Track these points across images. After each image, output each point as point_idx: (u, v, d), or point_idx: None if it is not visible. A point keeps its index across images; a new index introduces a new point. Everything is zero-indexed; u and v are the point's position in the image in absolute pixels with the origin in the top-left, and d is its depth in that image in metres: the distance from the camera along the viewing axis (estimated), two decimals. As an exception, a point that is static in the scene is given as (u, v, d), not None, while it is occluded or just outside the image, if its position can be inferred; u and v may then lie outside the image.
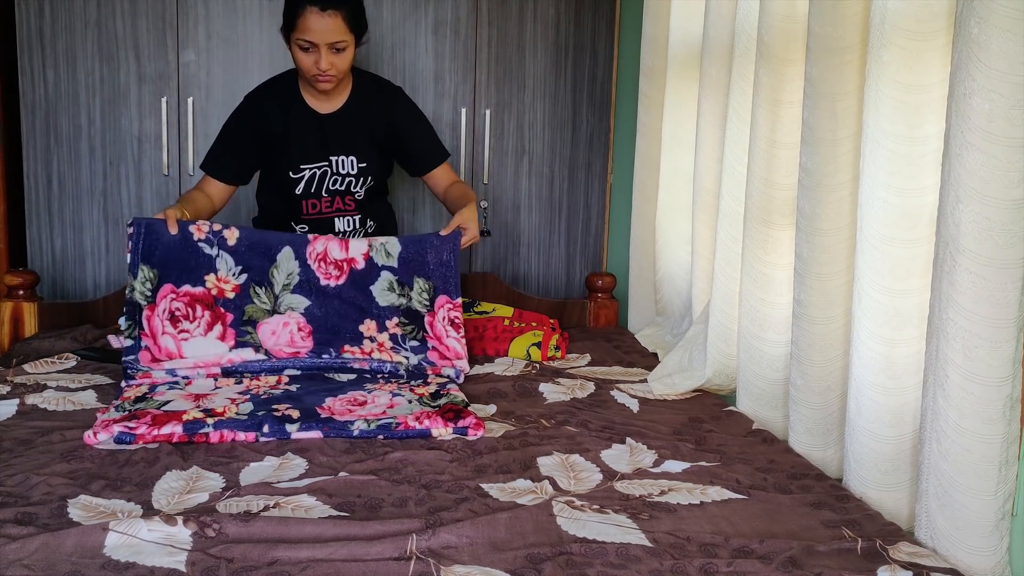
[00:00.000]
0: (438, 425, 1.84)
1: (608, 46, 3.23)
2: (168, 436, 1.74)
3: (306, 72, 2.36)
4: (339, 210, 2.57)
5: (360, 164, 2.53)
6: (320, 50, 2.31)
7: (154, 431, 1.74)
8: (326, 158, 2.51)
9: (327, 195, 2.55)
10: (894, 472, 1.57)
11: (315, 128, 2.49)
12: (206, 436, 1.76)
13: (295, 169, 2.50)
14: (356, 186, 2.55)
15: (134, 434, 1.73)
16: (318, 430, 1.81)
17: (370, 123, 2.52)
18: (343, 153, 2.51)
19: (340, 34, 2.30)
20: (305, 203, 2.55)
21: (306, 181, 2.52)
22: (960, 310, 1.33)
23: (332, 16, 2.28)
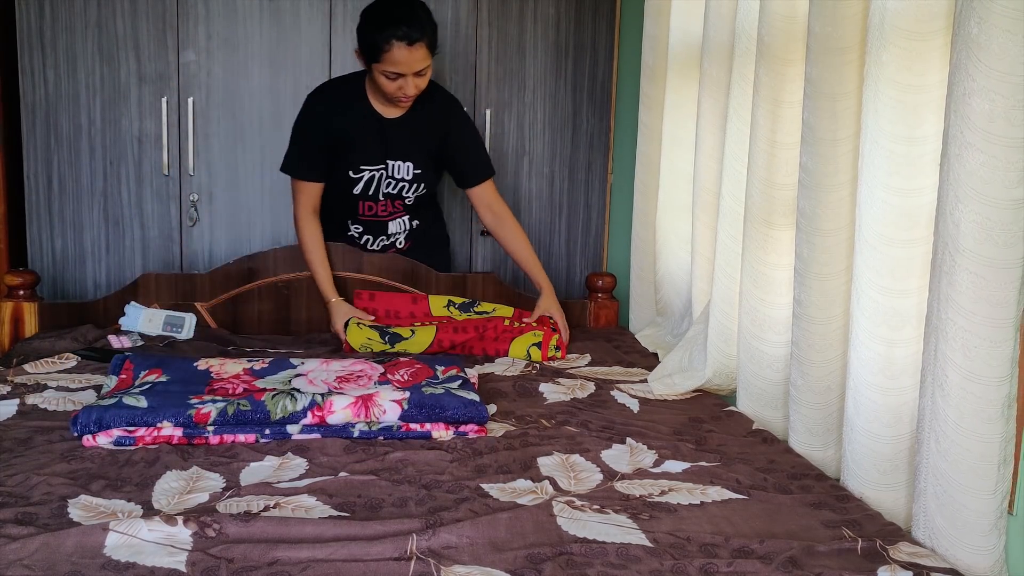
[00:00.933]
0: (439, 428, 1.84)
1: (608, 46, 3.23)
2: (168, 438, 1.74)
3: (390, 95, 2.48)
4: (392, 212, 2.69)
5: (416, 170, 2.63)
6: (407, 78, 2.42)
7: (153, 433, 1.74)
8: (384, 161, 2.60)
9: (384, 199, 2.65)
10: (892, 472, 1.57)
11: (377, 131, 2.58)
12: (206, 439, 1.76)
13: (356, 169, 2.60)
14: (408, 191, 2.64)
15: (133, 436, 1.73)
16: (318, 432, 1.80)
17: (428, 131, 2.61)
18: (401, 158, 2.60)
19: (424, 61, 2.43)
20: (362, 204, 2.66)
21: (365, 182, 2.61)
22: (959, 310, 1.33)
23: (418, 48, 2.39)
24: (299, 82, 3.05)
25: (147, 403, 1.80)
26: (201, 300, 2.68)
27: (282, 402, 1.82)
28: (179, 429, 1.75)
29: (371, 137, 2.58)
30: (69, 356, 2.29)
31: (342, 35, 3.06)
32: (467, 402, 1.87)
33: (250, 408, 1.79)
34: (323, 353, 2.43)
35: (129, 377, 1.99)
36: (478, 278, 2.86)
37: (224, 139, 3.04)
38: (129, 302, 2.61)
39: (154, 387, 1.91)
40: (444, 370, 2.10)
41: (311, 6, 3.04)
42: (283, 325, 2.73)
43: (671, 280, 2.66)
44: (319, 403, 1.82)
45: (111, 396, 1.84)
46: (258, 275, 2.70)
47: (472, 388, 1.98)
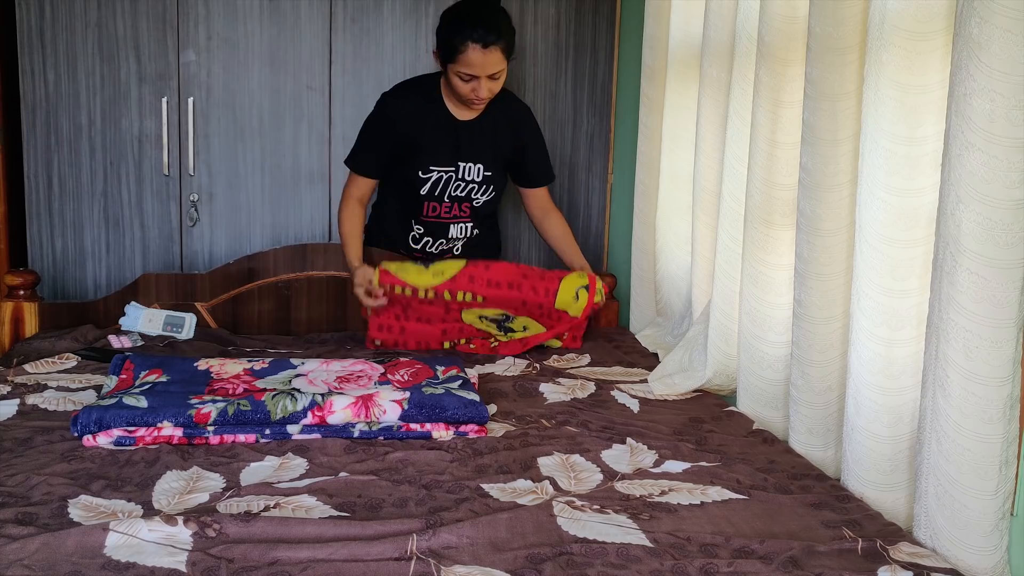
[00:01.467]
0: (439, 428, 1.84)
1: (608, 46, 3.23)
2: (168, 438, 1.74)
3: (463, 96, 2.50)
4: (455, 216, 2.70)
5: (486, 172, 2.65)
6: (480, 80, 2.45)
7: (154, 433, 1.74)
8: (455, 163, 2.62)
9: (449, 201, 2.66)
10: (892, 472, 1.57)
11: (450, 132, 2.60)
12: (206, 439, 1.76)
13: (424, 169, 2.61)
14: (477, 193, 2.66)
15: (134, 437, 1.73)
16: (319, 432, 1.80)
17: (500, 135, 2.64)
18: (472, 160, 2.62)
19: (499, 64, 2.46)
20: (427, 204, 2.67)
21: (432, 182, 2.62)
22: (961, 310, 1.33)
23: (493, 51, 2.42)
24: (299, 82, 3.05)
25: (147, 403, 1.80)
26: (201, 300, 2.68)
27: (282, 402, 1.81)
28: (179, 429, 1.75)
29: (443, 139, 2.60)
30: (69, 356, 2.29)
31: (342, 35, 3.06)
32: (467, 402, 1.87)
33: (250, 408, 1.79)
34: (324, 352, 2.43)
35: (129, 377, 1.99)
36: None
37: (224, 139, 3.04)
38: (129, 302, 2.61)
39: (154, 387, 1.91)
40: (444, 370, 2.10)
41: (311, 6, 3.04)
42: (283, 325, 2.73)
43: (671, 280, 2.66)
44: (319, 403, 1.82)
45: (111, 396, 1.84)
46: (258, 275, 2.70)
47: (472, 388, 1.98)
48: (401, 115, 2.59)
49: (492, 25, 2.42)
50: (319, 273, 2.73)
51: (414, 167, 2.62)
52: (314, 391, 1.92)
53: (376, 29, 3.09)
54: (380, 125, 2.62)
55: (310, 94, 3.06)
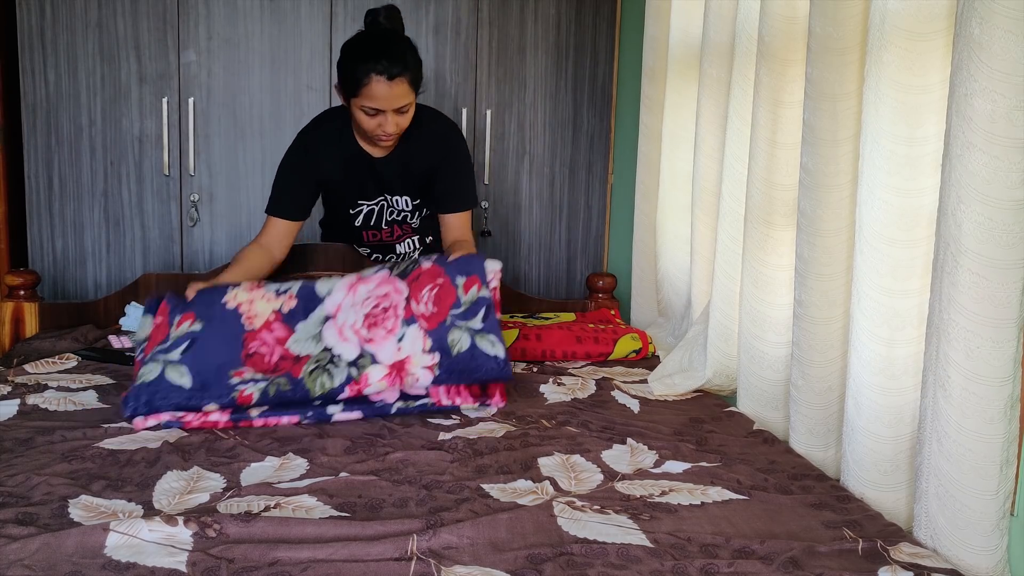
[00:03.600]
0: (467, 400, 1.97)
1: (609, 46, 3.23)
2: (214, 423, 1.82)
3: (368, 132, 2.31)
4: (399, 236, 2.63)
5: (414, 201, 2.55)
6: (387, 115, 2.26)
7: (201, 418, 1.82)
8: (381, 195, 2.52)
9: (387, 226, 2.59)
10: (893, 472, 1.57)
11: (367, 170, 2.46)
12: (251, 422, 1.83)
13: (353, 205, 2.55)
14: (411, 218, 2.59)
15: (181, 421, 1.82)
16: (359, 411, 1.89)
17: (419, 165, 2.46)
18: (398, 193, 2.52)
19: (406, 97, 2.25)
20: (366, 233, 2.62)
21: (364, 215, 2.56)
22: (961, 310, 1.33)
23: (399, 84, 2.22)
24: (300, 82, 3.05)
25: (191, 380, 1.85)
26: (201, 300, 2.68)
27: (320, 379, 1.87)
28: (226, 413, 1.84)
29: (362, 177, 2.47)
30: (70, 356, 2.29)
31: (343, 35, 3.06)
32: (494, 362, 1.94)
33: (290, 388, 1.85)
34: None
35: (164, 323, 1.97)
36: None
37: (224, 139, 3.04)
38: (129, 302, 2.61)
39: (192, 346, 1.91)
40: (465, 288, 2.03)
41: (312, 6, 3.04)
42: (283, 325, 2.72)
43: (671, 280, 2.66)
44: (355, 377, 1.88)
45: (151, 357, 1.89)
46: (258, 275, 2.69)
47: (495, 317, 2.01)
48: (316, 158, 2.44)
49: (396, 56, 2.21)
50: (319, 273, 2.73)
51: (343, 204, 2.54)
52: (346, 348, 1.92)
53: (376, 29, 3.09)
54: (296, 170, 2.45)
55: (310, 94, 3.07)
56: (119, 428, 1.81)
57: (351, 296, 2.03)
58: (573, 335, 2.48)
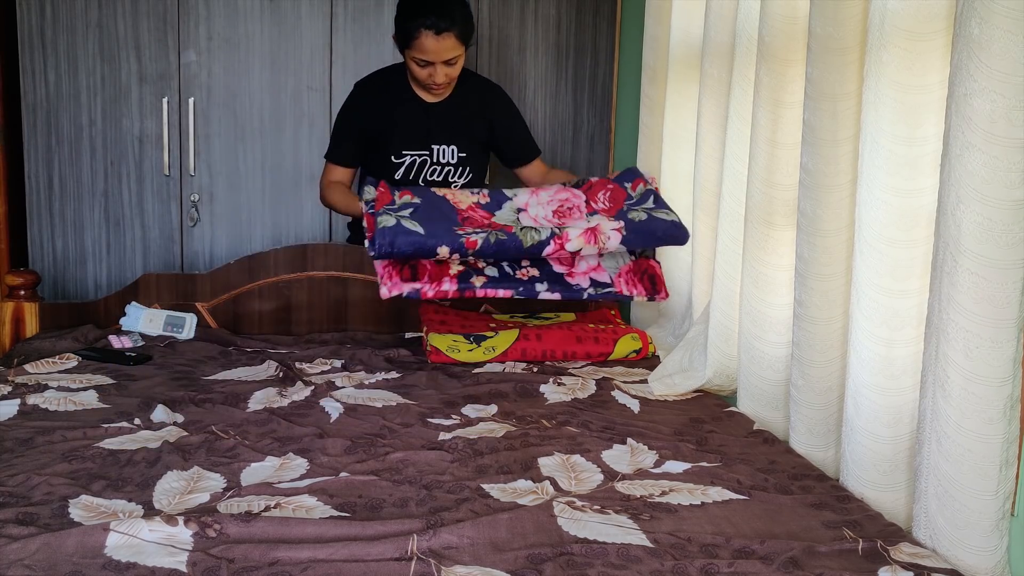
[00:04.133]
0: (642, 293, 2.34)
1: (609, 47, 3.23)
2: (445, 293, 2.19)
3: (421, 81, 2.54)
4: None
5: (460, 154, 2.68)
6: (436, 66, 2.49)
7: (436, 287, 2.19)
8: (428, 147, 2.66)
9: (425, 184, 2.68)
10: (893, 472, 1.57)
11: (421, 116, 2.64)
12: (474, 292, 2.20)
13: (397, 154, 2.65)
14: (453, 176, 2.68)
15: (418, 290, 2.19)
16: (558, 292, 2.27)
17: (472, 116, 2.67)
18: (445, 142, 2.66)
19: (454, 51, 2.49)
20: None
21: (406, 167, 2.66)
22: (961, 310, 1.33)
23: (447, 38, 2.46)
24: (300, 82, 3.05)
25: (423, 229, 2.16)
26: (202, 300, 2.68)
27: (529, 232, 2.22)
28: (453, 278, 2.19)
29: (414, 122, 2.64)
30: (70, 356, 2.29)
31: (343, 35, 3.06)
32: (670, 223, 2.31)
33: (506, 238, 2.19)
34: (324, 353, 2.42)
35: (387, 191, 2.30)
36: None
37: (225, 139, 3.04)
38: (130, 302, 2.61)
39: (416, 213, 2.23)
40: (632, 186, 2.41)
41: (312, 6, 3.04)
42: (283, 325, 2.73)
43: (672, 280, 2.66)
44: (558, 233, 2.22)
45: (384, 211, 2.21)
46: (258, 275, 2.70)
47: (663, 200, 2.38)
48: (372, 102, 2.65)
49: (445, 12, 2.45)
50: (319, 273, 2.73)
51: (387, 152, 2.66)
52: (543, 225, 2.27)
53: (376, 29, 3.09)
54: (352, 113, 2.68)
55: (310, 94, 3.07)
56: (119, 428, 1.81)
57: (535, 197, 2.39)
58: (573, 335, 2.48)
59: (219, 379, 2.19)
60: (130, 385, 2.11)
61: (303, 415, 1.93)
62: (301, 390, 2.10)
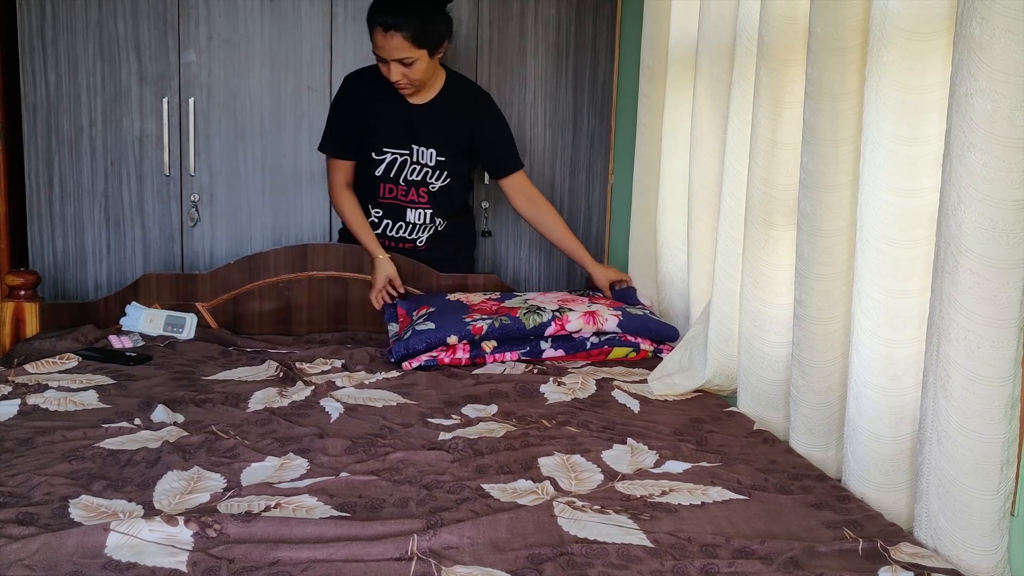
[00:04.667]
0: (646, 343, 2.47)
1: (609, 47, 3.23)
2: (458, 361, 2.34)
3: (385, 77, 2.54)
4: (412, 201, 2.73)
5: (439, 157, 2.68)
6: (389, 64, 2.48)
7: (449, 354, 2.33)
8: (409, 146, 2.66)
9: (404, 184, 2.70)
10: (893, 472, 1.57)
11: (403, 116, 2.65)
12: (484, 358, 2.36)
13: (378, 151, 2.67)
14: (431, 178, 2.69)
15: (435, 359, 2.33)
16: (562, 349, 2.41)
17: (455, 121, 2.66)
18: (425, 144, 2.66)
19: (404, 51, 2.46)
20: (383, 186, 2.71)
21: (387, 164, 2.67)
22: (962, 310, 1.33)
23: (392, 36, 2.44)
24: (300, 82, 3.05)
25: (434, 325, 2.35)
26: (202, 300, 2.68)
27: (532, 316, 2.39)
28: (466, 345, 2.33)
29: (396, 121, 2.65)
30: (70, 356, 2.29)
31: (343, 35, 3.06)
32: (664, 325, 2.53)
33: (510, 322, 2.37)
34: (324, 353, 2.43)
35: (406, 316, 2.50)
36: (479, 279, 2.87)
37: (225, 139, 3.04)
38: (130, 302, 2.61)
39: (431, 315, 2.41)
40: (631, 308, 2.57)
41: (312, 6, 3.04)
42: (283, 325, 2.73)
43: (672, 280, 2.66)
44: (559, 316, 2.40)
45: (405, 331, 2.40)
46: (258, 275, 2.70)
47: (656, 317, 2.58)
48: (359, 96, 2.66)
49: (397, 10, 2.44)
50: (319, 273, 2.73)
51: (369, 148, 2.67)
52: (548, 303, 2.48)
53: (377, 29, 3.08)
54: (342, 104, 2.69)
55: (311, 94, 3.07)
56: (119, 428, 1.81)
57: (541, 296, 2.59)
58: None
59: (219, 379, 2.19)
60: (130, 385, 2.11)
61: (303, 415, 1.93)
62: (301, 390, 2.10)
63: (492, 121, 2.76)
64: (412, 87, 2.57)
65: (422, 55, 2.49)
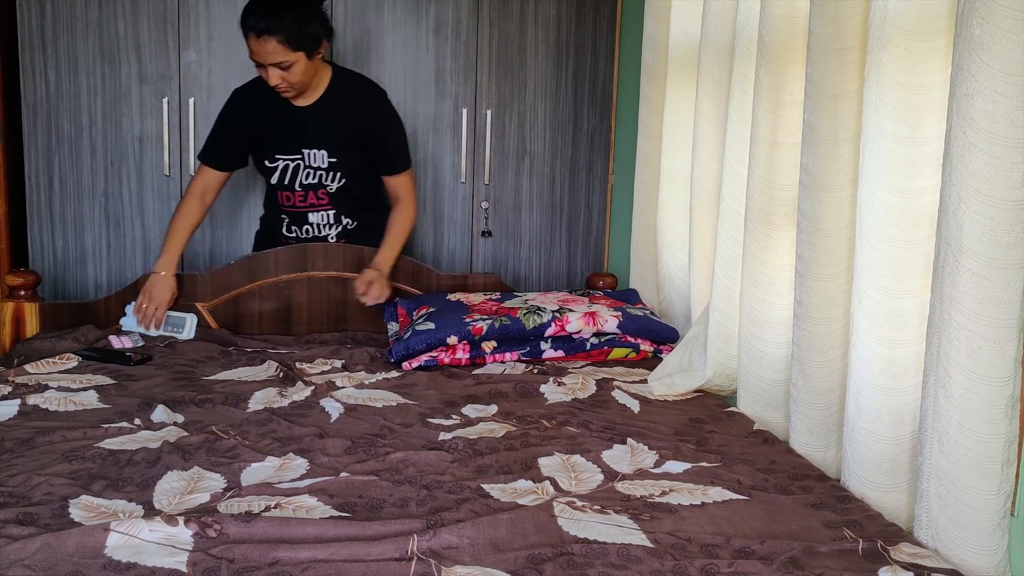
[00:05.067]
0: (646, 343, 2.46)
1: (609, 46, 3.23)
2: (458, 361, 2.33)
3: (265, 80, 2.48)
4: (312, 204, 2.68)
5: (331, 159, 2.61)
6: (267, 68, 2.42)
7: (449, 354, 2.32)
8: (300, 151, 2.61)
9: (300, 189, 2.65)
10: (893, 472, 1.57)
11: (292, 121, 2.58)
12: (484, 358, 2.35)
13: (271, 159, 2.62)
14: (327, 180, 2.63)
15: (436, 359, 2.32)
16: (562, 350, 2.40)
17: (343, 120, 2.59)
18: (316, 147, 2.60)
19: (280, 55, 2.39)
20: (280, 194, 2.68)
21: (280, 171, 2.62)
22: (962, 310, 1.33)
23: (267, 41, 2.37)
24: (300, 82, 3.05)
25: (434, 325, 2.34)
26: (202, 300, 2.68)
27: (532, 316, 2.38)
28: (466, 346, 2.33)
29: (286, 127, 2.59)
30: (70, 356, 2.29)
31: (343, 35, 3.06)
32: (664, 326, 2.50)
33: (510, 323, 2.36)
34: (324, 353, 2.43)
35: (406, 316, 2.49)
36: (479, 278, 2.87)
37: (225, 139, 3.04)
38: (130, 302, 2.61)
39: (431, 316, 2.40)
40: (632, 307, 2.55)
41: (312, 6, 3.04)
42: (283, 325, 2.73)
43: (672, 281, 2.66)
44: (559, 316, 2.39)
45: (405, 331, 2.38)
46: (258, 275, 2.70)
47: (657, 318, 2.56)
48: (246, 108, 2.61)
49: (269, 13, 2.35)
50: (319, 273, 2.73)
51: (262, 157, 2.64)
52: (548, 302, 2.47)
53: (376, 29, 3.09)
54: (228, 116, 2.64)
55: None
56: (119, 428, 1.81)
57: (541, 297, 2.58)
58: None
59: (219, 379, 2.19)
60: (130, 385, 2.11)
61: (303, 415, 1.93)
62: (301, 390, 2.10)
63: (379, 118, 2.64)
64: (293, 90, 2.49)
65: (299, 57, 2.41)
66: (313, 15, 2.43)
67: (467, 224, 3.23)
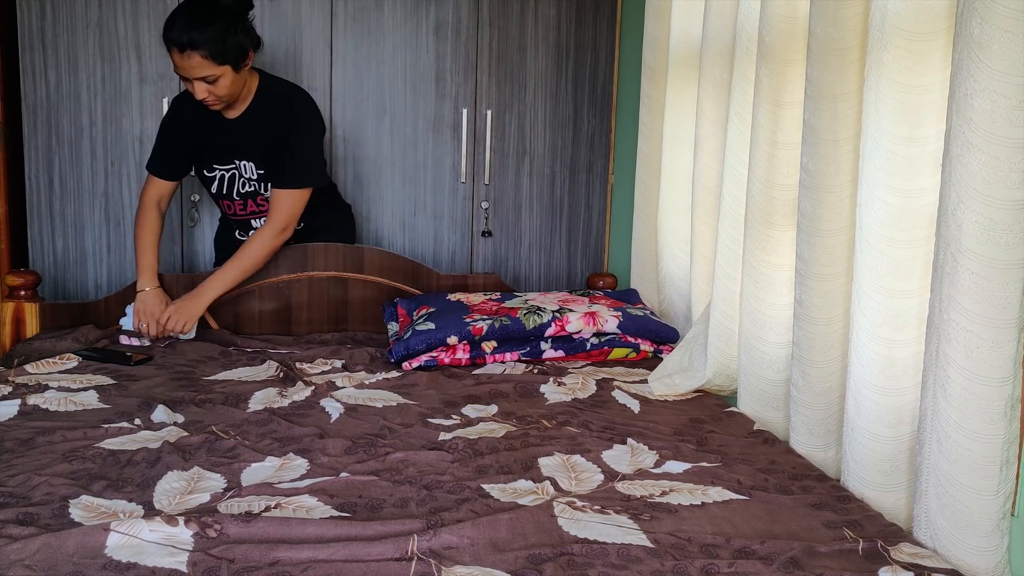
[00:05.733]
0: (646, 343, 2.46)
1: (609, 46, 3.23)
2: (458, 361, 2.34)
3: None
4: (253, 212, 2.67)
5: (259, 170, 2.59)
6: (192, 82, 2.38)
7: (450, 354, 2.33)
8: (232, 161, 2.59)
9: (239, 198, 2.64)
10: (893, 472, 1.57)
11: (222, 132, 2.56)
12: (484, 358, 2.36)
13: (209, 168, 2.62)
14: (263, 188, 2.62)
15: (435, 359, 2.32)
16: (562, 350, 2.40)
17: (268, 131, 2.54)
18: (244, 158, 2.58)
19: (204, 70, 2.35)
20: (222, 203, 2.68)
21: (218, 181, 2.62)
22: (961, 311, 1.33)
23: (190, 56, 2.33)
24: (300, 82, 3.05)
25: (434, 325, 2.35)
26: (202, 300, 2.68)
27: (532, 316, 2.39)
28: (466, 346, 2.33)
29: (218, 137, 2.56)
30: (70, 357, 2.29)
31: (343, 35, 3.06)
32: (665, 326, 2.51)
33: (511, 323, 2.37)
34: (324, 353, 2.43)
35: (407, 316, 2.50)
36: (479, 278, 2.87)
37: (225, 139, 3.04)
38: (130, 302, 2.61)
39: (431, 316, 2.41)
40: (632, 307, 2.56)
41: (312, 6, 3.04)
42: (283, 325, 2.73)
43: (672, 281, 2.66)
44: (559, 317, 2.39)
45: (405, 331, 2.39)
46: (258, 275, 2.70)
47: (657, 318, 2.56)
48: (183, 117, 2.58)
49: (191, 28, 2.30)
50: (319, 273, 2.73)
51: (201, 167, 2.63)
52: (548, 303, 2.48)
53: (376, 29, 3.09)
54: (168, 125, 2.62)
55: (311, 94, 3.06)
56: (119, 428, 1.81)
57: (541, 297, 2.58)
58: None
59: (219, 379, 2.19)
60: (130, 385, 2.11)
61: (303, 415, 1.93)
62: (301, 390, 2.10)
63: (294, 126, 2.53)
64: (221, 103, 2.45)
65: (225, 71, 2.36)
66: (237, 26, 2.37)
67: (467, 224, 3.23)
